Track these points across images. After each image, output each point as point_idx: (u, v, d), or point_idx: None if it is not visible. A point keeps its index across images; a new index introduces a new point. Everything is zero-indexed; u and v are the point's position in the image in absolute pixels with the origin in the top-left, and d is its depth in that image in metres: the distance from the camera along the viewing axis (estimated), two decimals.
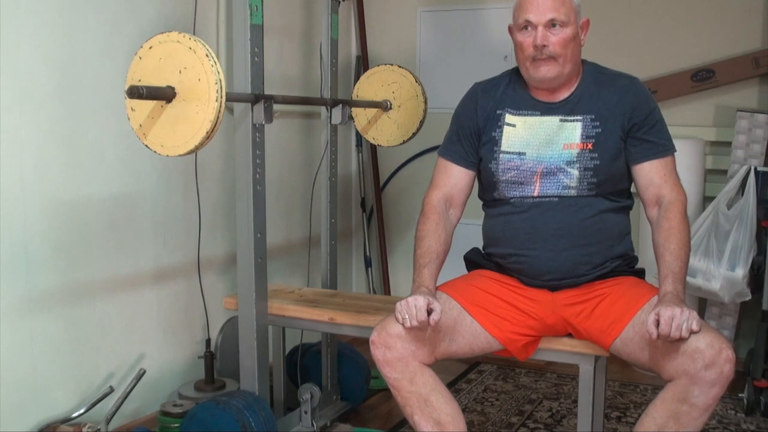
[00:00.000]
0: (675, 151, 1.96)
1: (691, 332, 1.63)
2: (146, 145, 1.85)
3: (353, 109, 2.80)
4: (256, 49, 2.19)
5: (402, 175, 3.76)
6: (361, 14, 3.72)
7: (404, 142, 2.77)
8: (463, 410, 2.86)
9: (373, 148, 3.75)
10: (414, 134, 2.74)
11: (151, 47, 1.82)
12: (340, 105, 2.66)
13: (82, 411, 2.33)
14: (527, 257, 1.94)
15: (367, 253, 3.77)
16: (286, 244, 3.28)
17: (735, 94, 3.26)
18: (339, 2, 2.73)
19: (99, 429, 2.28)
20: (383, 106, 2.74)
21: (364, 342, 2.41)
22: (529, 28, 1.88)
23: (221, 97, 1.76)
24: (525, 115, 1.97)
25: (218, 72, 1.76)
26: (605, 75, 1.99)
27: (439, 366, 1.91)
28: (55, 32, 2.25)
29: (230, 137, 2.37)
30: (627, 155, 1.93)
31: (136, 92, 1.72)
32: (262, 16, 2.20)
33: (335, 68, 2.76)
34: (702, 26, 3.29)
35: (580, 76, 1.98)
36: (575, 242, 1.91)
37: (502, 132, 1.98)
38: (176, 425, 2.40)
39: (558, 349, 1.98)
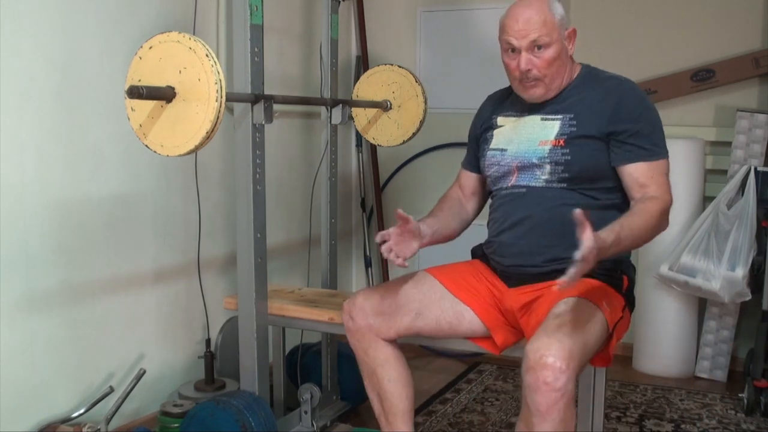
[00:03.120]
0: (665, 157, 1.92)
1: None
2: (146, 145, 1.85)
3: (353, 109, 2.80)
4: (256, 49, 2.19)
5: (402, 175, 3.76)
6: (361, 14, 3.72)
7: (404, 142, 2.77)
8: (463, 410, 2.88)
9: (373, 148, 3.75)
10: (414, 134, 2.74)
11: (151, 47, 1.82)
12: (340, 105, 2.66)
13: (82, 411, 2.33)
14: (495, 242, 2.02)
15: (367, 253, 3.77)
16: (286, 244, 3.28)
17: (735, 94, 3.26)
18: (339, 2, 2.73)
19: (99, 429, 2.28)
20: (383, 106, 2.74)
21: None
22: (514, 51, 1.93)
23: (221, 97, 1.75)
24: (513, 116, 2.07)
25: (218, 72, 1.76)
26: (596, 77, 2.01)
27: (438, 366, 1.92)
28: (55, 32, 2.25)
29: (230, 137, 2.37)
30: (610, 157, 1.92)
31: (136, 92, 1.72)
32: (262, 16, 2.20)
33: (335, 68, 2.76)
34: (702, 26, 3.29)
35: (573, 77, 2.01)
36: (534, 231, 1.93)
37: (493, 134, 2.09)
38: (176, 425, 2.40)
39: None
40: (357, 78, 3.52)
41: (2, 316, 2.14)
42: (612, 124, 1.90)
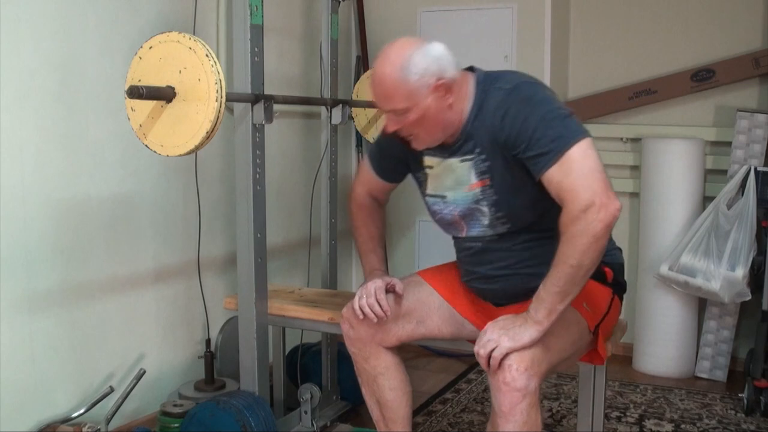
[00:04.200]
0: (575, 139, 1.64)
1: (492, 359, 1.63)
2: (146, 145, 1.85)
3: (353, 109, 2.80)
4: (256, 49, 2.19)
5: None
6: (361, 14, 3.71)
7: None
8: (463, 410, 2.88)
9: None
10: None
11: (151, 47, 1.82)
12: (340, 105, 2.66)
13: (82, 411, 2.33)
14: (468, 285, 1.99)
15: None
16: (286, 244, 3.28)
17: (735, 94, 3.26)
18: (339, 2, 2.74)
19: (99, 429, 2.28)
20: None
21: None
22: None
23: (221, 97, 1.76)
24: (438, 157, 1.88)
25: (218, 72, 1.76)
26: (489, 95, 1.79)
27: (438, 366, 1.92)
28: (55, 32, 2.25)
29: (230, 137, 2.37)
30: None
31: (136, 92, 1.72)
32: (262, 16, 2.20)
33: (335, 68, 2.76)
34: (702, 26, 3.29)
35: (468, 110, 1.80)
36: (510, 280, 1.88)
37: (426, 174, 1.93)
38: (176, 425, 2.40)
39: None
40: (357, 78, 3.52)
41: (2, 316, 2.14)
42: (508, 144, 1.72)
